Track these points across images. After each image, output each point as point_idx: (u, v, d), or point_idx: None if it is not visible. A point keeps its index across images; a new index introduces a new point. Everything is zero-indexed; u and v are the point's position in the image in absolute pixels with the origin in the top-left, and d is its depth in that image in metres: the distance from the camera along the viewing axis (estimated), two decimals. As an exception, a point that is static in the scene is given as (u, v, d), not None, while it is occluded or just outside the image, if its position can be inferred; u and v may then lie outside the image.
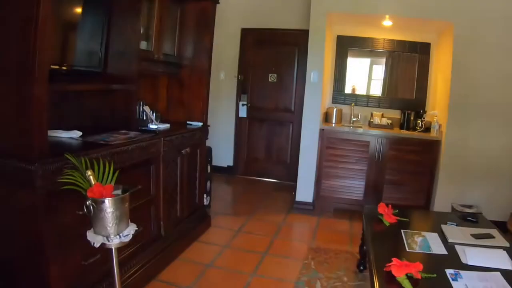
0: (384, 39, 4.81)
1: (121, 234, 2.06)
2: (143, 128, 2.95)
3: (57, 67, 2.52)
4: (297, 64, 5.34)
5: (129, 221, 2.16)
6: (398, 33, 4.77)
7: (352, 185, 4.42)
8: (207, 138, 3.68)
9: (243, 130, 5.64)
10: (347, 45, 4.90)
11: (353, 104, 4.83)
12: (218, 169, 5.73)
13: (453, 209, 4.16)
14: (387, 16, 4.30)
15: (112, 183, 2.17)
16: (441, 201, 4.26)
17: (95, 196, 1.99)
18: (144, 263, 2.78)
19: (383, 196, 4.35)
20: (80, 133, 2.58)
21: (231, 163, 5.74)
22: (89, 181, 2.07)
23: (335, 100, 4.96)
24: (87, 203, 1.99)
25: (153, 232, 2.95)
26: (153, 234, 2.95)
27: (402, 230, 2.62)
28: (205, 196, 3.88)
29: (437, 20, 4.13)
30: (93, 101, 3.04)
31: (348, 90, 5.01)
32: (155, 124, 3.21)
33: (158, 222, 2.99)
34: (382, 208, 2.86)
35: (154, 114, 3.28)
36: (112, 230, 2.03)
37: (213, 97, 5.67)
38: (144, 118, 3.27)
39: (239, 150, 5.71)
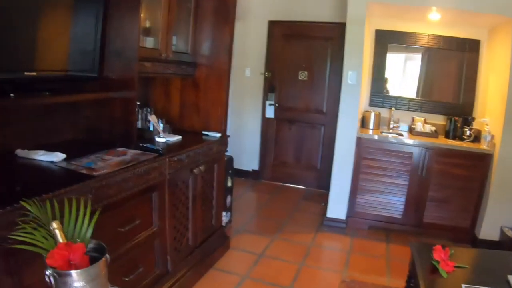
0: (428, 34, 4.01)
1: (96, 310, 1.44)
2: (145, 145, 2.32)
3: (33, 73, 1.90)
4: (329, 61, 4.61)
5: (109, 288, 1.53)
6: (444, 28, 3.97)
7: (390, 201, 3.72)
8: (226, 151, 3.02)
9: (270, 132, 4.97)
10: (386, 41, 4.12)
11: (393, 108, 4.07)
12: (242, 174, 5.11)
13: (502, 233, 3.41)
14: (434, 8, 3.49)
15: (88, 234, 1.56)
16: (489, 224, 3.54)
17: (56, 264, 1.37)
18: (144, 309, 2.19)
19: (425, 215, 3.66)
20: (62, 156, 2.00)
21: (256, 167, 5.09)
22: (54, 237, 1.46)
23: (372, 103, 4.21)
24: (47, 273, 1.38)
25: (157, 269, 2.34)
26: (157, 272, 2.34)
27: (463, 286, 1.93)
28: (224, 214, 3.25)
29: (493, 14, 3.30)
30: (89, 111, 2.47)
31: (387, 91, 4.24)
32: (163, 137, 2.59)
33: (164, 256, 2.39)
34: (438, 254, 2.15)
35: (162, 123, 2.64)
36: (83, 306, 1.41)
37: (238, 96, 5.05)
38: (152, 128, 2.64)
39: (265, 154, 5.05)
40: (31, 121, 2.21)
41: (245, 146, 5.10)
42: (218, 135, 2.90)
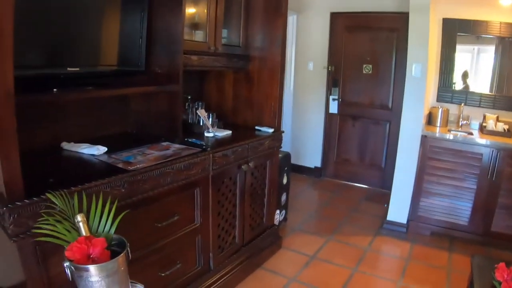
0: (500, 22, 3.46)
1: (114, 308, 1.37)
2: (189, 140, 2.23)
3: (76, 69, 1.89)
4: (395, 53, 4.21)
5: (130, 286, 1.46)
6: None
7: (456, 206, 3.30)
8: (280, 147, 2.86)
9: (333, 128, 4.70)
10: (455, 30, 3.64)
11: (462, 104, 3.61)
12: (304, 171, 4.91)
13: None
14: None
15: (112, 230, 1.49)
16: None
17: (74, 257, 1.32)
18: (182, 306, 2.13)
19: (493, 224, 3.20)
20: (104, 149, 1.99)
21: (318, 164, 4.85)
22: (79, 230, 1.41)
23: (440, 98, 3.76)
24: (64, 265, 1.33)
25: (198, 266, 2.26)
26: (198, 269, 2.26)
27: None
28: (277, 212, 3.09)
29: None
30: (136, 105, 2.44)
31: (456, 86, 3.76)
32: (211, 132, 2.49)
33: (206, 254, 2.30)
34: (500, 273, 1.81)
35: (211, 118, 2.55)
36: (100, 302, 1.35)
37: (301, 91, 4.85)
38: (202, 123, 2.56)
39: (328, 150, 4.79)
40: (81, 116, 2.25)
41: (307, 142, 4.89)
42: (271, 130, 2.74)
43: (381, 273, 2.83)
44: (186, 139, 2.23)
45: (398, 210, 3.46)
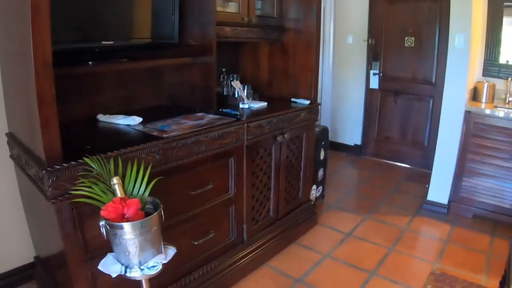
0: None
1: (145, 265, 1.44)
2: (224, 110, 2.25)
3: (111, 42, 1.95)
4: (439, 25, 4.00)
5: (162, 247, 1.52)
6: None
7: (501, 188, 3.11)
8: (316, 120, 2.83)
9: (374, 104, 4.59)
10: (501, 0, 3.41)
11: (509, 79, 3.39)
12: (343, 148, 4.86)
13: None
14: None
15: (146, 193, 1.55)
16: None
17: (109, 216, 1.39)
18: (215, 273, 2.20)
19: None
20: (139, 120, 2.07)
21: (359, 142, 4.77)
22: (114, 192, 1.48)
23: (486, 73, 3.55)
24: (100, 224, 1.40)
25: (231, 237, 2.31)
26: (231, 240, 2.31)
27: None
28: (314, 188, 3.09)
29: None
30: (172, 78, 2.50)
31: (503, 59, 3.54)
32: (246, 103, 2.50)
33: (240, 225, 2.35)
34: None
35: (246, 90, 2.56)
36: (134, 259, 1.42)
37: (340, 65, 4.76)
38: (237, 95, 2.58)
39: (368, 128, 4.70)
40: (116, 89, 2.34)
41: (347, 119, 4.81)
42: (307, 102, 2.72)
43: (418, 253, 2.78)
44: (220, 110, 2.26)
45: (439, 190, 3.36)
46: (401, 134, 4.50)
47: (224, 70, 2.78)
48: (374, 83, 4.48)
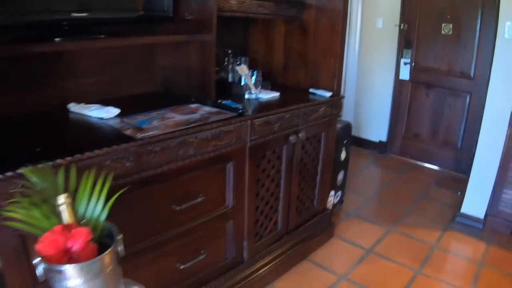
0: None
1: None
2: (223, 102, 1.83)
3: (84, 14, 1.55)
4: (482, 11, 3.45)
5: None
6: None
7: None
8: (339, 116, 2.40)
9: (404, 97, 4.10)
10: None
11: None
12: (367, 144, 4.40)
13: None
14: None
15: (103, 215, 1.16)
16: None
17: (47, 253, 1.01)
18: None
19: None
20: (115, 112, 1.67)
21: (384, 138, 4.31)
22: (59, 215, 1.09)
23: None
24: (34, 262, 1.02)
25: (229, 256, 1.92)
26: (229, 260, 1.92)
27: None
28: (332, 194, 2.67)
29: None
30: (166, 60, 2.10)
31: None
32: (254, 93, 2.08)
33: (239, 242, 1.96)
34: None
35: (255, 76, 2.13)
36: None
37: (367, 51, 4.25)
38: (243, 82, 2.16)
39: (396, 123, 4.22)
40: (98, 72, 1.93)
41: (373, 113, 4.34)
42: (328, 94, 2.28)
43: (449, 278, 2.33)
44: (219, 101, 1.84)
45: (475, 201, 2.89)
46: (431, 132, 4.00)
47: (230, 51, 2.36)
48: (405, 74, 3.98)
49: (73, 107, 1.74)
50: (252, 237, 2.01)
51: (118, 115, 1.63)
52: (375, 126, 4.33)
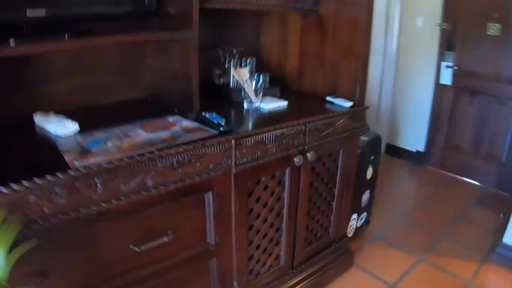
0: None
1: None
2: (208, 116, 1.36)
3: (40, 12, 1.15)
4: None
5: None
6: None
7: None
8: (362, 130, 1.87)
9: (444, 104, 3.43)
10: None
11: None
12: (403, 154, 3.77)
13: None
14: None
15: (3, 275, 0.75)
16: None
17: None
18: None
19: None
20: (74, 128, 1.26)
21: (421, 148, 3.66)
22: None
23: None
24: None
25: (214, 303, 1.46)
26: (213, 307, 1.46)
27: None
28: (354, 217, 2.14)
29: None
30: (154, 62, 1.65)
31: None
32: (254, 102, 1.60)
33: (226, 283, 1.50)
34: None
35: (260, 81, 1.65)
36: None
37: (405, 52, 3.59)
38: (245, 88, 1.69)
39: (435, 132, 3.56)
40: (75, 76, 1.54)
41: (410, 119, 3.69)
42: (348, 104, 1.75)
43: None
44: (203, 113, 1.38)
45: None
46: (474, 143, 3.31)
47: (235, 51, 1.89)
48: (446, 78, 3.31)
49: (38, 118, 1.34)
50: (244, 275, 1.54)
51: (78, 131, 1.23)
52: (412, 134, 3.69)
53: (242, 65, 1.84)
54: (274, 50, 2.07)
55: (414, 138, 3.67)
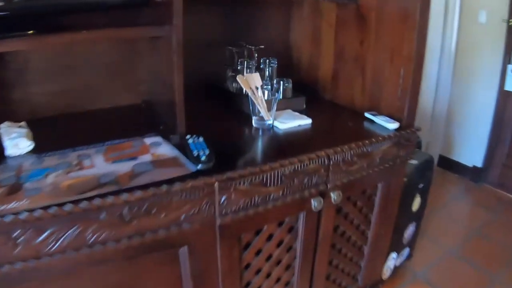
0: None
1: None
2: (190, 141, 0.92)
3: None
4: None
5: None
6: None
7: None
8: (408, 158, 1.33)
9: (509, 114, 2.73)
10: None
11: None
12: (457, 168, 3.10)
13: None
14: None
15: None
16: None
17: None
18: None
19: None
20: (26, 147, 0.91)
21: (479, 163, 2.98)
22: None
23: None
24: None
25: None
26: None
27: None
28: (393, 257, 1.63)
29: None
30: (150, 61, 1.23)
31: None
32: (266, 121, 1.14)
33: None
34: None
35: (281, 89, 1.19)
36: None
37: (464, 52, 2.86)
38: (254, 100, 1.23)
39: (496, 145, 2.87)
40: (57, 77, 1.21)
41: (467, 129, 3.02)
42: (394, 125, 1.23)
43: None
44: (187, 138, 0.94)
45: None
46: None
47: (254, 49, 1.43)
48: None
49: (3, 129, 0.99)
50: None
51: (34, 150, 0.88)
52: (470, 147, 3.02)
53: (261, 66, 1.38)
54: (305, 49, 1.58)
55: (471, 151, 3.00)
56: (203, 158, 0.83)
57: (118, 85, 1.31)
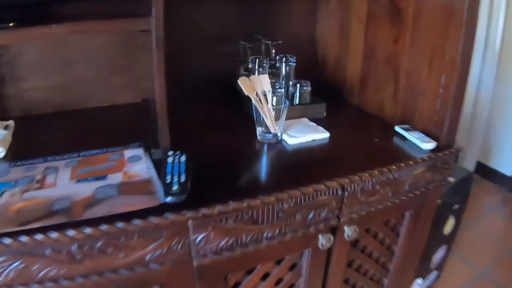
0: None
1: None
2: (169, 163, 0.73)
3: None
4: None
5: None
6: None
7: None
8: (445, 183, 1.06)
9: None
10: None
11: None
12: (495, 177, 2.73)
13: None
14: None
15: None
16: None
17: None
18: None
19: None
20: None
21: (521, 173, 2.61)
22: None
23: None
24: None
25: None
26: None
27: None
28: (419, 282, 1.39)
29: None
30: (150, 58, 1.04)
31: None
32: (272, 134, 0.93)
33: None
34: None
35: (297, 94, 0.99)
36: None
37: (509, 50, 2.46)
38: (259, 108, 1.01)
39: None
40: (50, 72, 1.07)
41: (508, 135, 2.61)
42: (430, 145, 0.96)
43: None
44: (170, 154, 0.75)
45: None
46: None
47: (271, 43, 1.21)
48: None
49: None
50: None
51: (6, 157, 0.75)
52: (509, 155, 2.64)
53: (277, 64, 1.16)
54: (332, 46, 1.33)
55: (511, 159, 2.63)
56: (174, 187, 0.63)
57: (117, 82, 1.14)
